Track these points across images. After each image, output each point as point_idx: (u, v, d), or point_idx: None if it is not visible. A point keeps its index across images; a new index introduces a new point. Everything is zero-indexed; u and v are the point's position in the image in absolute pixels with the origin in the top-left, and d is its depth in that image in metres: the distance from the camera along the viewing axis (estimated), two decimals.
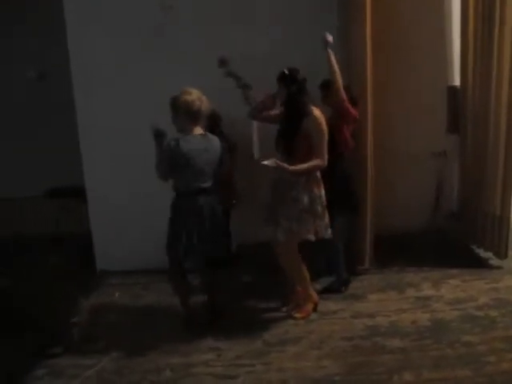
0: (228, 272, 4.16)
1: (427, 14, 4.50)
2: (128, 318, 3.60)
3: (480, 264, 4.15)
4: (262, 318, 3.51)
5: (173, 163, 3.11)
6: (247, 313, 3.61)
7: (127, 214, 4.44)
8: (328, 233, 3.39)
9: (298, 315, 3.50)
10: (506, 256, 4.05)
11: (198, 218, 3.16)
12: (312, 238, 3.33)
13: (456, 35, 4.51)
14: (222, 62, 3.65)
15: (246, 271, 4.26)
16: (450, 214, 4.76)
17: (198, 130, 3.21)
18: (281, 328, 3.36)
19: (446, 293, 3.72)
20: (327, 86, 3.65)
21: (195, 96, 3.13)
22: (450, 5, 4.54)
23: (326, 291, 3.78)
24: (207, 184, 3.21)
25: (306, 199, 3.30)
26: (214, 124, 3.98)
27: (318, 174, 3.36)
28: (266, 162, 3.18)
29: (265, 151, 3.76)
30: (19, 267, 4.54)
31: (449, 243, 4.53)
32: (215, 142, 3.27)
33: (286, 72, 3.30)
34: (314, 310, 3.56)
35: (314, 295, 3.58)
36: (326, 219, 3.39)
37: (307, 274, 3.49)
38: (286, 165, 3.19)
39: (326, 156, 3.27)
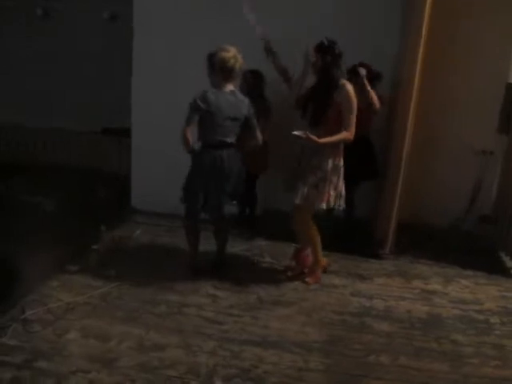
0: (249, 233, 4.37)
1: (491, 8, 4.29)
2: (142, 254, 3.87)
3: (500, 271, 4.04)
4: (264, 277, 3.66)
5: (198, 114, 3.21)
6: (253, 271, 3.77)
7: (165, 159, 4.66)
8: (338, 204, 3.48)
9: (309, 280, 3.64)
10: None
11: (219, 171, 3.30)
12: (323, 206, 3.44)
13: None
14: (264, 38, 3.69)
15: (265, 234, 4.41)
16: (484, 216, 4.63)
17: (229, 87, 3.30)
18: (279, 290, 3.50)
19: (453, 291, 3.68)
20: (354, 72, 3.74)
21: (231, 54, 3.21)
22: None
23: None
24: (230, 139, 3.32)
25: (325, 168, 3.39)
26: (255, 84, 4.07)
27: (342, 144, 3.43)
28: (296, 132, 3.28)
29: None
30: (66, 193, 4.94)
31: (476, 245, 4.43)
32: (243, 101, 3.34)
33: (325, 42, 3.31)
34: (324, 271, 3.73)
35: (323, 260, 3.72)
36: (340, 190, 3.46)
37: (319, 240, 3.61)
38: (315, 137, 3.26)
39: (354, 129, 3.32)
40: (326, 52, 3.30)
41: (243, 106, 3.33)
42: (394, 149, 3.93)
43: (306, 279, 3.66)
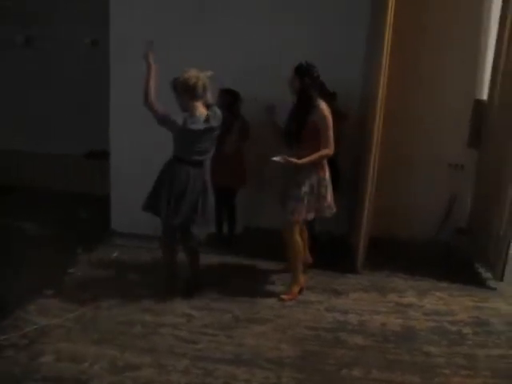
0: (228, 251, 4.41)
1: (463, 25, 4.42)
2: (119, 275, 3.88)
3: (475, 282, 4.09)
4: (240, 295, 3.67)
5: (177, 136, 3.35)
6: (229, 289, 3.78)
7: (144, 181, 4.70)
8: (329, 212, 3.67)
9: (285, 297, 3.68)
10: (501, 278, 3.98)
11: (185, 186, 3.37)
12: (311, 216, 3.62)
13: (490, 51, 4.42)
14: (270, 109, 3.71)
15: (244, 251, 4.44)
16: (459, 228, 4.71)
17: (200, 107, 3.36)
18: (254, 308, 3.52)
19: (428, 303, 3.73)
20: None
21: (191, 73, 3.29)
22: (489, 18, 4.44)
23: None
24: (203, 157, 3.44)
25: (310, 182, 3.55)
26: (231, 103, 4.17)
27: (324, 160, 3.59)
28: (275, 158, 3.44)
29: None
30: (48, 216, 4.97)
31: (451, 258, 4.50)
32: (217, 119, 3.41)
33: (304, 65, 3.49)
34: (300, 292, 3.76)
35: (302, 279, 3.78)
36: (329, 199, 3.64)
37: (300, 258, 3.72)
38: (294, 160, 3.43)
39: (332, 145, 3.49)
40: (305, 74, 3.48)
41: (217, 124, 3.42)
42: (363, 165, 4.01)
43: (282, 296, 3.70)
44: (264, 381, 2.74)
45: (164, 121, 3.28)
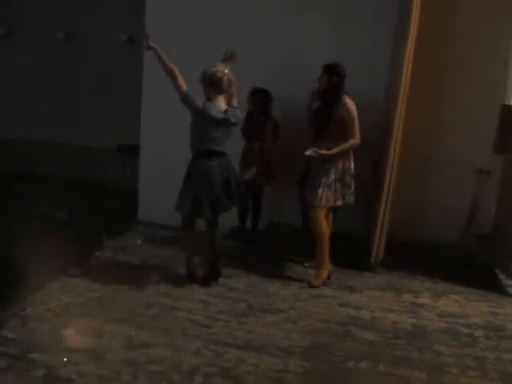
0: (251, 244, 4.52)
1: (488, 28, 4.41)
2: (141, 261, 4.05)
3: (494, 289, 4.07)
4: (257, 286, 3.79)
5: (195, 120, 3.50)
6: (246, 278, 3.90)
7: (171, 174, 4.85)
8: (352, 199, 3.87)
9: (313, 281, 3.86)
10: None
11: (210, 177, 3.50)
12: (340, 203, 3.86)
13: None
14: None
15: (266, 245, 4.54)
16: (482, 234, 4.67)
17: (221, 101, 3.50)
18: (269, 299, 3.62)
19: (442, 305, 3.74)
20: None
21: (218, 68, 3.45)
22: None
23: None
24: (217, 148, 3.53)
25: (337, 170, 3.78)
26: (265, 102, 4.29)
27: (350, 151, 3.81)
28: (308, 152, 3.69)
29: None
30: (78, 205, 5.20)
31: (472, 263, 4.46)
32: (235, 117, 3.52)
33: (333, 64, 3.73)
34: (328, 278, 3.93)
35: (329, 265, 3.92)
36: (353, 188, 3.84)
37: (327, 242, 3.86)
38: (325, 151, 3.69)
39: (359, 135, 3.72)
40: (333, 73, 3.72)
41: (233, 117, 3.51)
42: (384, 168, 4.04)
43: (312, 282, 3.85)
44: (271, 366, 2.83)
45: (186, 99, 3.42)
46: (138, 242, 4.39)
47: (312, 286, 3.83)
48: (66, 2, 6.30)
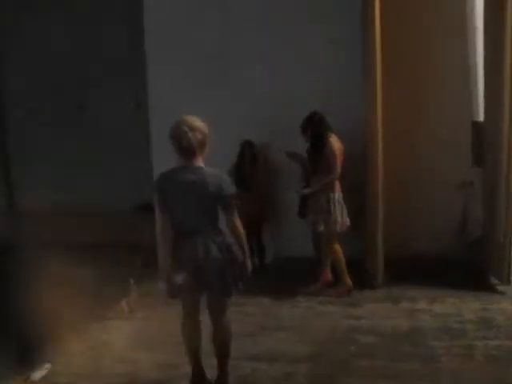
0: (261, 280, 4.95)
1: (452, 50, 4.97)
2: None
3: (486, 289, 4.40)
4: (269, 310, 4.23)
5: (163, 195, 2.93)
6: (260, 305, 4.34)
7: None
8: (336, 226, 4.39)
9: (333, 293, 4.43)
10: (508, 282, 4.29)
11: (193, 259, 2.87)
12: (338, 228, 4.40)
13: (480, 73, 4.90)
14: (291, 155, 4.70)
15: (274, 277, 4.99)
16: (474, 241, 5.04)
17: (193, 164, 2.87)
18: (279, 319, 4.05)
19: (438, 308, 4.10)
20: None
21: (186, 127, 2.81)
22: (475, 41, 4.94)
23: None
24: (201, 223, 2.90)
25: (330, 199, 4.37)
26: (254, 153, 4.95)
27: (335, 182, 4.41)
28: (305, 191, 4.46)
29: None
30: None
31: (467, 270, 4.79)
32: (211, 177, 2.85)
33: (311, 115, 4.40)
34: (349, 293, 4.42)
35: (349, 281, 4.45)
36: (339, 215, 4.38)
37: (343, 261, 4.45)
38: (311, 189, 4.44)
39: (337, 171, 4.31)
40: (314, 124, 4.40)
41: (211, 183, 2.84)
42: (368, 191, 4.53)
43: (332, 292, 4.43)
44: (281, 370, 3.25)
45: None
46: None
47: (337, 297, 4.36)
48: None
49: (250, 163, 4.99)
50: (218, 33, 5.22)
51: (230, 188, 2.91)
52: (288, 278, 4.89)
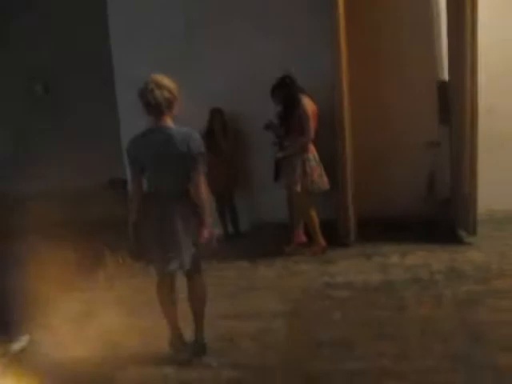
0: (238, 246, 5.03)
1: (417, 11, 5.07)
2: None
3: (455, 242, 4.57)
4: (245, 272, 4.33)
5: (135, 165, 2.91)
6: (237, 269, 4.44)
7: None
8: (316, 187, 4.47)
9: (308, 252, 4.55)
10: (474, 232, 4.45)
11: (162, 222, 2.87)
12: (313, 186, 4.47)
13: (444, 33, 4.96)
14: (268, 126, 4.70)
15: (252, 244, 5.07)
16: (443, 199, 5.18)
17: (162, 124, 2.84)
18: (255, 280, 4.15)
19: (408, 261, 4.24)
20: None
21: (153, 85, 2.80)
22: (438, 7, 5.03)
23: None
24: (169, 185, 2.88)
25: (304, 160, 4.42)
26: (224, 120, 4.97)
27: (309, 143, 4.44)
28: (279, 155, 4.51)
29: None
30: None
31: (437, 226, 4.93)
32: (179, 135, 2.82)
33: (284, 79, 4.42)
34: (323, 252, 4.54)
35: (322, 240, 4.57)
36: (314, 175, 4.44)
37: (316, 221, 4.55)
38: (286, 152, 4.48)
39: (310, 134, 4.36)
40: (287, 86, 4.41)
41: (182, 142, 2.82)
42: (339, 157, 4.61)
43: (306, 251, 4.57)
44: (259, 327, 3.34)
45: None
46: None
47: (311, 256, 4.48)
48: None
49: (220, 130, 5.01)
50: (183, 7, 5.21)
51: (198, 147, 2.85)
52: (264, 242, 4.99)
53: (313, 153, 4.48)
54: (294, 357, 3.03)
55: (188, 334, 3.17)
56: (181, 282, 3.11)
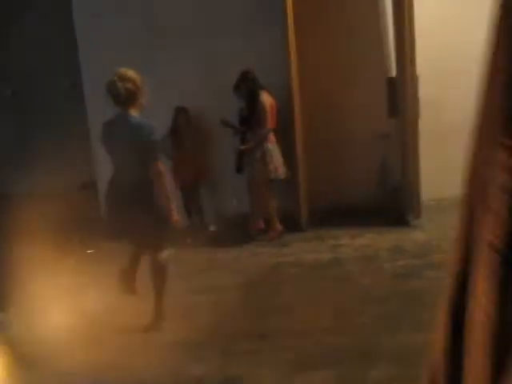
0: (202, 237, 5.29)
1: (367, 17, 5.45)
2: None
3: (402, 224, 4.91)
4: (205, 256, 4.59)
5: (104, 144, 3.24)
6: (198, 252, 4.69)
7: None
8: (275, 175, 4.76)
9: (266, 238, 4.86)
10: (419, 216, 4.81)
11: (123, 197, 3.16)
12: (272, 175, 4.76)
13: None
14: (225, 123, 4.98)
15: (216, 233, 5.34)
16: (393, 188, 5.54)
17: (127, 113, 3.11)
18: (212, 262, 4.42)
19: (358, 241, 4.57)
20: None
21: (116, 77, 3.06)
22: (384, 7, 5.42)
23: None
24: (134, 172, 3.11)
25: (264, 149, 4.75)
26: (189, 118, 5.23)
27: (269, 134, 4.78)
28: (242, 148, 4.78)
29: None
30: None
31: (387, 212, 5.27)
32: (134, 125, 3.09)
33: (246, 74, 4.73)
34: (279, 235, 4.83)
35: (279, 226, 4.85)
36: (274, 164, 4.74)
37: (275, 208, 4.87)
38: (247, 145, 4.79)
39: (269, 124, 4.72)
40: (248, 82, 4.72)
41: (135, 131, 3.09)
42: (293, 145, 4.92)
43: (264, 236, 4.87)
44: (212, 300, 3.61)
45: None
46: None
47: (269, 240, 4.77)
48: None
49: (184, 127, 5.27)
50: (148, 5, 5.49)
51: (149, 135, 3.08)
52: (225, 230, 5.25)
53: (272, 143, 4.80)
54: (247, 320, 3.31)
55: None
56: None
